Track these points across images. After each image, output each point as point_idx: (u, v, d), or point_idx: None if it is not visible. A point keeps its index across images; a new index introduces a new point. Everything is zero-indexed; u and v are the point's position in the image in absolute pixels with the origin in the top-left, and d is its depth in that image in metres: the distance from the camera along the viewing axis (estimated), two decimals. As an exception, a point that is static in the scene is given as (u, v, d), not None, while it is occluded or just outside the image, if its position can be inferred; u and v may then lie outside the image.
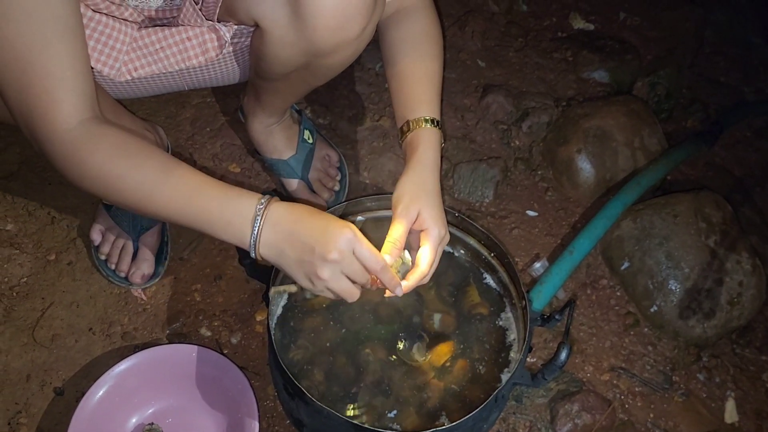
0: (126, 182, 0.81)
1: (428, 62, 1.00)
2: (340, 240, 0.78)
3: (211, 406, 1.04)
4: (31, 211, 1.26)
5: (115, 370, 1.01)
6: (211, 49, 0.99)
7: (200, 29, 0.97)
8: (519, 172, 1.45)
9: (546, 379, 0.92)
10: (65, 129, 0.79)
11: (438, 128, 0.96)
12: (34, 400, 1.06)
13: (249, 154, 1.38)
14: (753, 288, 1.24)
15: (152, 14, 1.00)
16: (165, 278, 1.21)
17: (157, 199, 0.81)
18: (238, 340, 1.15)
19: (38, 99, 0.77)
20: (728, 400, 1.19)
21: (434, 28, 1.03)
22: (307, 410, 0.90)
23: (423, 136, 0.94)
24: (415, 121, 0.95)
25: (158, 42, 0.97)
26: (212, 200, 0.81)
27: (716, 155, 1.61)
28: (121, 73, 0.98)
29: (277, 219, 0.80)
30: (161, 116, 1.43)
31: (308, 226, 0.80)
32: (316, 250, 0.78)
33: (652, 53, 1.70)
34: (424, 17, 1.02)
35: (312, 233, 0.79)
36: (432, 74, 0.99)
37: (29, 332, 1.13)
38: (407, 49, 1.00)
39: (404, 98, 0.98)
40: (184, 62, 1.00)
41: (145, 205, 0.82)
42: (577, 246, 1.25)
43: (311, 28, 0.87)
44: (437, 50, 1.02)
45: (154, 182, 0.81)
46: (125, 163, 0.81)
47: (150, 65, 0.99)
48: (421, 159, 0.93)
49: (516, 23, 1.74)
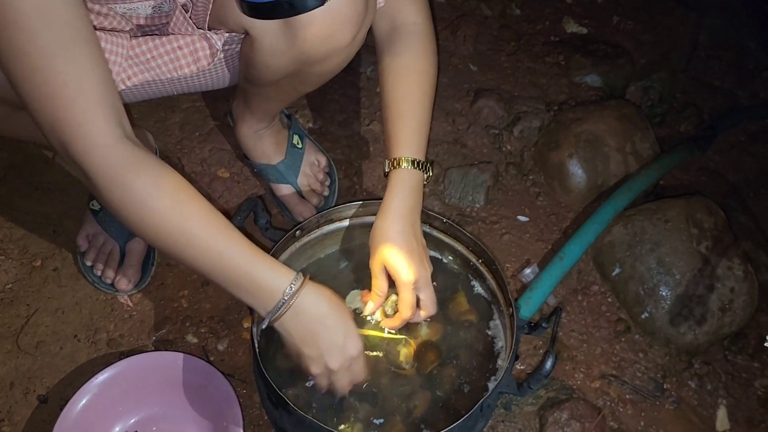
0: (167, 221, 0.79)
1: (420, 100, 1.00)
2: (345, 359, 0.87)
3: (197, 415, 1.03)
4: (17, 216, 1.25)
5: (99, 378, 1.00)
6: (203, 57, 0.98)
7: (191, 38, 0.96)
8: (510, 177, 1.44)
9: (532, 388, 0.91)
10: (105, 144, 0.74)
11: (418, 169, 0.97)
12: (17, 408, 1.05)
13: (238, 159, 1.37)
14: (745, 294, 1.23)
15: (141, 22, 0.99)
16: (152, 284, 1.20)
17: (192, 250, 0.80)
18: (225, 347, 1.14)
19: (65, 110, 0.72)
20: (720, 408, 1.17)
21: (429, 63, 1.02)
22: (291, 419, 0.89)
23: (398, 178, 0.97)
24: (396, 160, 0.98)
25: (149, 51, 0.96)
26: (246, 267, 0.82)
27: (710, 160, 1.60)
28: (116, 84, 0.97)
29: (301, 310, 0.84)
30: (150, 120, 1.42)
31: (326, 332, 0.85)
32: (319, 353, 0.86)
33: (645, 57, 1.69)
34: (420, 46, 1.01)
35: (327, 340, 0.85)
36: (421, 110, 1.00)
37: (13, 339, 1.12)
38: (399, 82, 1.00)
39: (390, 134, 1.00)
40: (176, 71, 0.99)
41: (177, 250, 0.81)
42: (568, 252, 1.24)
43: (301, 37, 0.86)
44: (430, 86, 1.02)
45: (193, 231, 0.79)
46: (168, 202, 0.78)
47: (142, 73, 0.98)
48: (388, 205, 0.97)
49: (509, 27, 1.73)
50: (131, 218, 0.79)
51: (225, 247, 0.81)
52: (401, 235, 0.95)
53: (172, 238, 0.80)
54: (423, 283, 0.97)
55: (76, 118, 0.73)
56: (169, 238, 0.80)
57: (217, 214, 0.82)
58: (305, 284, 0.84)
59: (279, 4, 0.75)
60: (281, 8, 0.76)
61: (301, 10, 0.77)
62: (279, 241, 1.03)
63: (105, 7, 0.93)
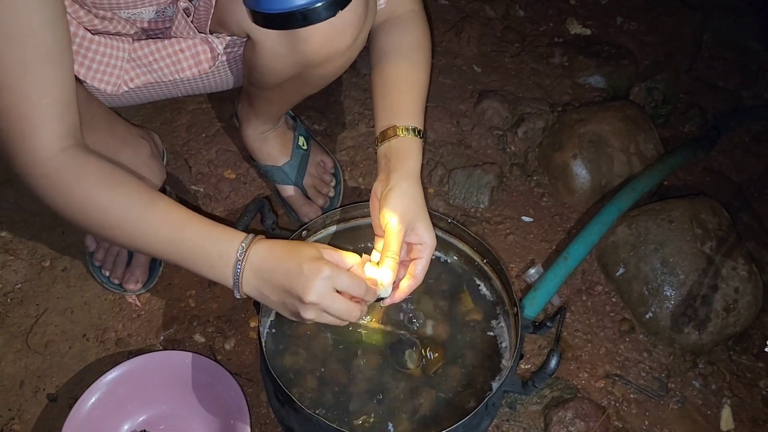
0: (110, 214, 0.80)
1: (417, 72, 1.00)
2: (316, 282, 0.79)
3: (204, 413, 1.04)
4: (26, 217, 1.26)
5: (107, 376, 1.01)
6: (204, 61, 0.99)
7: (193, 41, 0.98)
8: (514, 177, 1.45)
9: (536, 387, 0.92)
10: (45, 157, 0.78)
11: (422, 139, 0.96)
12: (27, 407, 1.06)
13: (244, 160, 1.39)
14: (749, 294, 1.24)
15: (144, 26, 1.00)
16: (159, 284, 1.21)
17: (141, 235, 0.81)
18: (232, 346, 1.15)
19: (15, 125, 0.76)
20: (724, 408, 1.18)
21: (425, 39, 1.03)
22: (298, 418, 0.90)
23: (411, 146, 0.95)
24: (403, 128, 0.95)
25: (151, 54, 0.97)
26: (196, 240, 0.82)
27: (714, 161, 1.61)
28: (118, 86, 0.99)
29: (257, 264, 0.81)
30: (157, 122, 1.43)
31: (285, 269, 0.81)
32: (294, 294, 0.80)
33: (649, 58, 1.69)
34: (416, 28, 1.02)
35: (288, 276, 0.80)
36: (420, 85, 1.00)
37: (23, 338, 1.13)
38: (397, 57, 1.00)
39: (390, 104, 0.98)
40: (178, 74, 1.00)
41: (129, 240, 0.83)
42: (572, 252, 1.25)
43: (303, 40, 0.87)
44: (426, 61, 1.02)
45: (139, 216, 0.81)
46: (109, 194, 0.80)
47: (145, 75, 1.00)
48: (411, 171, 0.94)
49: (512, 28, 1.74)
50: (76, 218, 0.81)
51: (173, 228, 0.81)
52: (423, 201, 0.94)
53: (120, 231, 0.82)
54: None
55: (23, 132, 0.76)
56: (117, 231, 0.82)
57: (161, 197, 0.83)
58: (256, 240, 0.83)
59: (292, 15, 0.75)
60: (295, 19, 0.76)
61: (314, 21, 0.77)
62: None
63: (110, 12, 0.94)
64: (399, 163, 0.94)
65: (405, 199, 0.91)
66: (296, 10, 0.75)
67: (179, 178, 1.35)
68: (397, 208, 0.90)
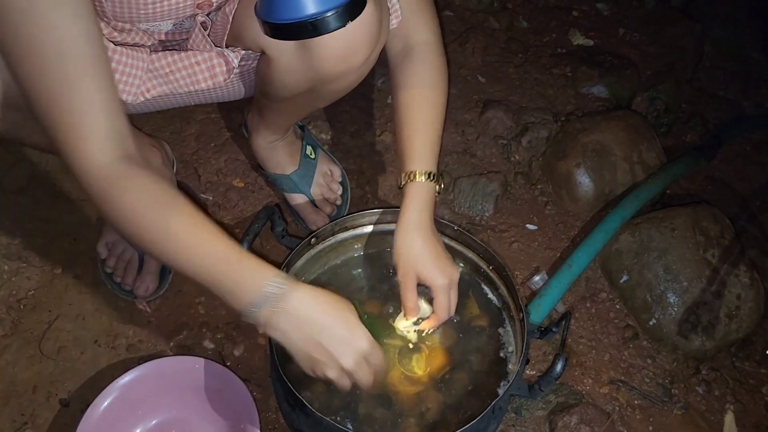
0: (153, 233, 0.82)
1: (431, 111, 1.03)
2: (359, 355, 0.84)
3: (214, 418, 1.06)
4: (38, 225, 1.28)
5: (119, 381, 1.03)
6: (219, 74, 1.01)
7: (209, 54, 0.99)
8: (519, 186, 1.47)
9: (542, 390, 0.93)
10: (98, 165, 0.79)
11: (432, 180, 1.00)
12: (40, 412, 1.08)
13: (253, 169, 1.41)
14: (751, 301, 1.25)
15: (162, 37, 1.02)
16: (169, 291, 1.23)
17: (180, 258, 0.83)
18: (241, 352, 1.17)
19: (68, 134, 0.78)
20: (727, 413, 1.19)
21: (440, 75, 1.05)
22: (308, 421, 0.92)
23: (414, 192, 1.00)
24: (410, 174, 1.00)
25: (168, 66, 0.99)
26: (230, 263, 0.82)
27: (716, 169, 1.63)
28: (137, 96, 1.01)
29: (296, 312, 0.82)
30: (167, 132, 1.46)
31: (332, 331, 0.83)
32: (332, 356, 0.83)
33: (651, 68, 1.72)
34: (431, 64, 1.04)
35: (333, 339, 0.83)
36: (433, 125, 1.03)
37: (36, 344, 1.15)
38: (413, 99, 1.03)
39: (404, 148, 1.02)
40: (193, 85, 1.02)
41: (168, 259, 0.85)
42: (576, 259, 1.26)
43: (317, 57, 0.89)
44: (441, 99, 1.04)
45: (179, 242, 0.82)
46: (154, 214, 0.82)
47: (161, 86, 1.01)
48: (408, 219, 1.00)
49: (516, 39, 1.76)
50: (122, 227, 0.83)
51: (209, 246, 0.82)
52: (426, 244, 0.99)
53: (159, 249, 0.83)
54: (453, 285, 1.01)
55: (76, 142, 0.78)
56: (157, 248, 0.83)
57: (202, 216, 0.83)
58: (296, 285, 0.83)
59: (303, 25, 0.77)
60: (305, 29, 0.78)
61: (324, 31, 0.78)
62: (295, 249, 1.06)
63: (129, 24, 0.97)
64: (403, 211, 1.00)
65: (403, 248, 0.99)
66: (307, 21, 0.76)
67: (189, 187, 1.37)
68: (397, 258, 0.99)
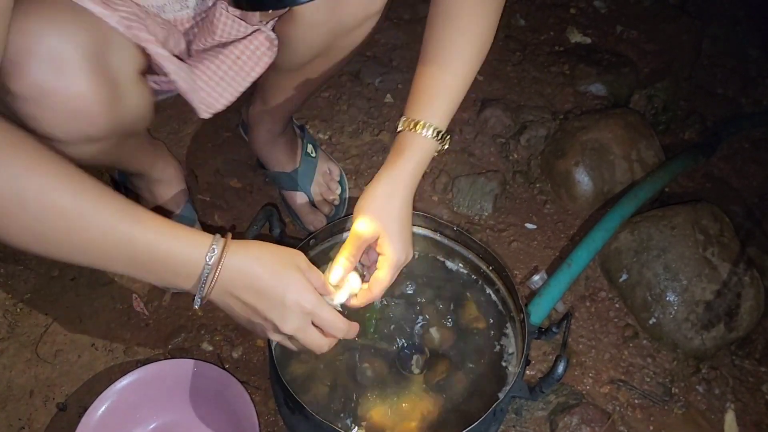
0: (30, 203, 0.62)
1: (468, 50, 0.87)
2: (298, 316, 0.75)
3: (213, 421, 1.05)
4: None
5: (117, 385, 1.02)
6: (264, 54, 0.95)
7: (244, 42, 0.93)
8: (517, 185, 1.46)
9: (544, 392, 0.93)
10: None
11: (437, 139, 0.86)
12: (37, 416, 1.07)
13: (250, 170, 1.40)
14: (751, 299, 1.25)
15: (187, 25, 0.95)
16: (167, 293, 1.22)
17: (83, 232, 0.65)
18: (240, 354, 1.16)
19: None
20: (728, 412, 1.19)
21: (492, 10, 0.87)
22: (308, 425, 0.91)
23: (414, 143, 0.85)
24: (415, 122, 0.85)
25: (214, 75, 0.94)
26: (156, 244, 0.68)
27: (714, 167, 1.62)
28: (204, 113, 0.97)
29: (229, 281, 0.72)
30: (164, 132, 1.45)
31: (266, 295, 0.73)
32: (269, 320, 0.75)
33: (649, 66, 1.71)
34: None
35: (268, 303, 0.74)
36: (466, 66, 0.88)
37: (32, 348, 1.14)
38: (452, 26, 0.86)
39: (421, 86, 0.87)
40: (246, 80, 0.97)
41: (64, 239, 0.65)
42: (576, 258, 1.26)
43: (341, 4, 0.89)
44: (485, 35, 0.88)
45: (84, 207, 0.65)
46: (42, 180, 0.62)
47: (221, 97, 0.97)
48: (398, 168, 0.85)
49: (514, 38, 1.76)
50: None
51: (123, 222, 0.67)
52: (404, 209, 0.86)
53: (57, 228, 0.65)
54: (401, 267, 0.89)
55: None
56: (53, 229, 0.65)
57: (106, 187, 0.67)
58: (228, 248, 0.72)
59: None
60: None
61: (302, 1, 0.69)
62: (293, 250, 1.05)
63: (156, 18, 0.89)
64: (393, 159, 0.86)
65: (377, 200, 0.85)
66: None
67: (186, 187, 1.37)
68: (364, 206, 0.85)
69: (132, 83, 0.85)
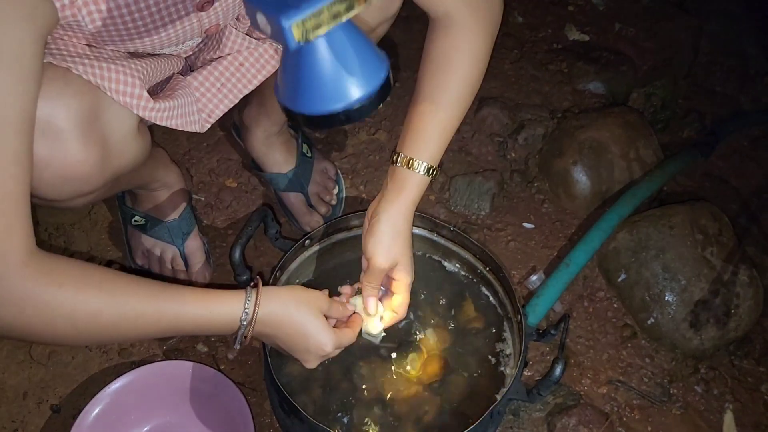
0: (104, 317, 0.73)
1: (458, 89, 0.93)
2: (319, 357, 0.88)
3: (208, 423, 1.04)
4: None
5: (111, 387, 1.01)
6: (268, 61, 0.97)
7: (247, 49, 0.95)
8: (515, 184, 1.45)
9: (541, 395, 0.92)
10: (21, 263, 0.66)
11: (429, 176, 0.94)
12: (30, 418, 1.06)
13: (245, 169, 1.39)
14: (750, 299, 1.24)
15: (189, 53, 0.98)
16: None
17: (140, 327, 0.76)
18: (235, 355, 1.15)
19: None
20: (726, 413, 1.18)
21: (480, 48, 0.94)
22: (303, 427, 0.90)
23: (411, 180, 0.93)
24: (409, 160, 0.93)
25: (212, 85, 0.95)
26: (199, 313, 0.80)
27: (713, 165, 1.61)
28: (202, 125, 0.97)
29: (261, 330, 0.84)
30: (158, 132, 1.43)
31: (290, 341, 0.87)
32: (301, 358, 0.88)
33: (647, 64, 1.70)
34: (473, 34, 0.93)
35: (294, 347, 0.87)
36: (455, 105, 0.94)
37: (26, 349, 1.13)
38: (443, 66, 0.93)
39: (414, 125, 0.94)
40: (247, 87, 0.98)
41: (126, 335, 0.79)
42: (574, 258, 1.25)
43: None
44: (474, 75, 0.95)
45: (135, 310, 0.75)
46: (99, 298, 0.72)
47: (221, 103, 0.98)
48: (399, 204, 0.94)
49: (511, 35, 1.75)
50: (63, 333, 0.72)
51: (170, 307, 0.78)
52: (409, 238, 0.96)
53: (117, 331, 0.76)
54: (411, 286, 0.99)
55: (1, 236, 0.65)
56: (111, 331, 0.75)
57: (142, 281, 0.77)
58: (259, 301, 0.82)
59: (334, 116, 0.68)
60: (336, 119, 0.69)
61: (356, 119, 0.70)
62: (289, 251, 1.05)
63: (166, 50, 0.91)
64: (395, 194, 0.94)
65: (388, 234, 0.93)
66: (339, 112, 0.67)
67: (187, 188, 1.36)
68: (380, 241, 0.93)
69: (128, 138, 0.85)
